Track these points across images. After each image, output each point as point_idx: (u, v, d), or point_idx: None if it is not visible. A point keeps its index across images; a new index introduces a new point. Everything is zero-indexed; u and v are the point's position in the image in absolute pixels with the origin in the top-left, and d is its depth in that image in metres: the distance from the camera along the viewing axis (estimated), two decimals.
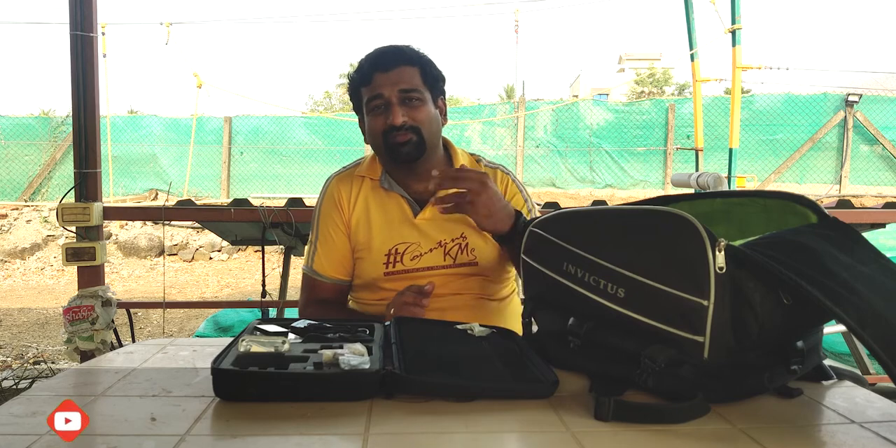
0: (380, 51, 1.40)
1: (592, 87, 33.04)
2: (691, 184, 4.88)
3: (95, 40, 2.61)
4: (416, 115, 1.35)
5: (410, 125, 1.34)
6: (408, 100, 1.35)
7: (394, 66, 1.36)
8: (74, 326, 2.56)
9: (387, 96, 1.34)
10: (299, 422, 0.76)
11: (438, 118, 1.42)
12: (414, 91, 1.35)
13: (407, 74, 1.36)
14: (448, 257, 1.39)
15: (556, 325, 0.95)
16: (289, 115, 13.08)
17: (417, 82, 1.36)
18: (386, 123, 1.34)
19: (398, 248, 1.39)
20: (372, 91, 1.36)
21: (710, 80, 7.22)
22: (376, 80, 1.35)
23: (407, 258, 1.39)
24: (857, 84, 13.03)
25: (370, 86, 1.36)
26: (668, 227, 0.82)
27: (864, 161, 11.30)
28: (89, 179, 2.60)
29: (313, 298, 1.48)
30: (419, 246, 1.39)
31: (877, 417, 0.79)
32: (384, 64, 1.36)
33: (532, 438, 0.77)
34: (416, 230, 1.40)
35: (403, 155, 1.36)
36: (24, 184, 11.53)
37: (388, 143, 1.35)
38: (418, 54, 1.40)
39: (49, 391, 0.89)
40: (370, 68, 1.37)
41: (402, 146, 1.35)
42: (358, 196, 1.44)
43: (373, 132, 1.38)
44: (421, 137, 1.36)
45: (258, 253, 4.28)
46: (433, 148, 1.41)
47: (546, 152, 12.12)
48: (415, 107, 1.35)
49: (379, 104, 1.36)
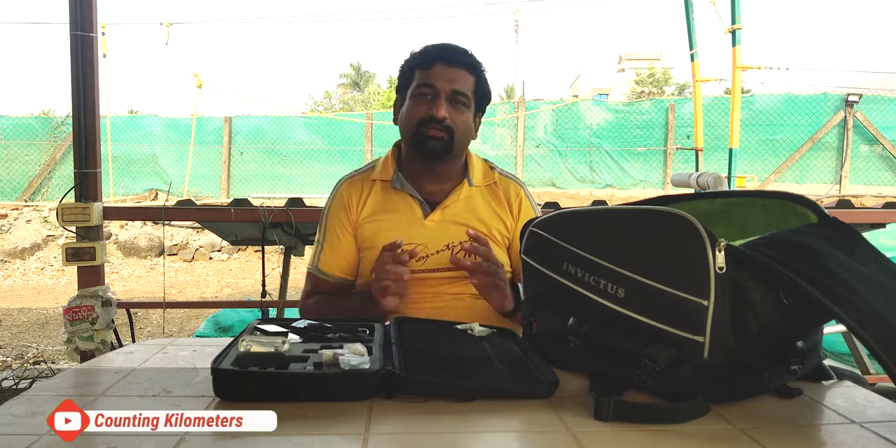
0: (450, 45, 1.42)
1: (592, 87, 33.04)
2: (691, 184, 4.88)
3: (95, 40, 2.61)
4: (456, 118, 1.37)
5: (448, 125, 1.36)
6: (455, 101, 1.37)
7: (457, 64, 1.38)
8: (74, 326, 2.56)
9: (439, 88, 1.35)
10: (299, 422, 0.76)
11: (472, 130, 1.44)
12: (464, 96, 1.37)
13: (465, 78, 1.38)
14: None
15: (556, 325, 0.95)
16: (289, 115, 13.10)
17: (470, 89, 1.39)
18: (428, 113, 1.35)
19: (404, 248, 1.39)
20: (427, 78, 1.37)
21: (710, 80, 7.22)
22: (436, 69, 1.37)
23: (413, 259, 1.38)
24: (857, 84, 13.03)
25: (428, 72, 1.37)
26: (668, 227, 0.82)
27: (864, 161, 11.30)
28: (89, 179, 2.60)
29: (315, 293, 1.49)
30: (426, 247, 1.39)
31: (877, 417, 0.79)
32: (450, 58, 1.38)
33: (532, 438, 0.77)
34: (425, 231, 1.40)
35: (429, 149, 1.36)
36: (24, 184, 11.53)
37: (421, 132, 1.36)
38: (480, 65, 1.42)
39: (49, 391, 0.89)
40: (435, 56, 1.38)
41: (432, 140, 1.36)
42: (368, 198, 1.45)
43: (410, 117, 1.38)
44: (452, 140, 1.37)
45: (258, 253, 4.28)
46: (457, 155, 1.43)
47: (546, 152, 12.12)
48: (459, 110, 1.38)
49: (427, 93, 1.36)
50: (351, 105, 27.41)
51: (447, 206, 1.43)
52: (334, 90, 31.85)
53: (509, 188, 1.50)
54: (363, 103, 26.62)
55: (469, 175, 1.46)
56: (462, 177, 1.47)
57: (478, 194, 1.46)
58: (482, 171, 1.49)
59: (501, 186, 1.49)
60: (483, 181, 1.48)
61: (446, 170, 1.45)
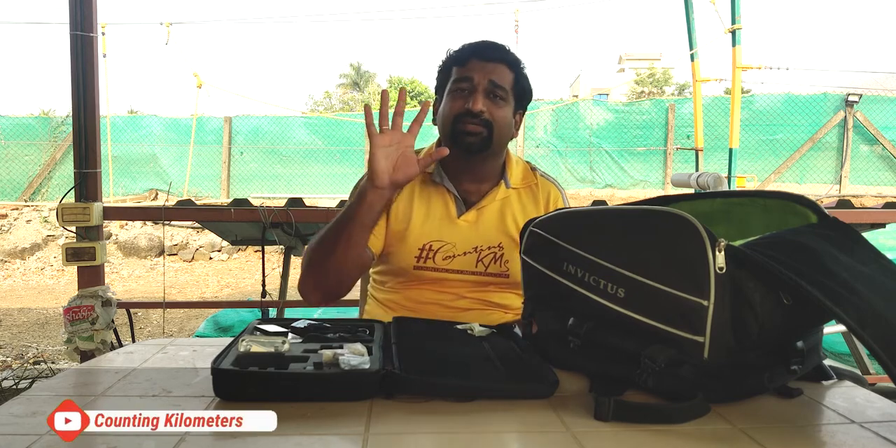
0: (486, 41, 1.39)
1: (592, 87, 33.02)
2: (691, 184, 4.88)
3: (95, 40, 2.61)
4: (494, 111, 1.33)
5: (485, 118, 1.32)
6: (493, 95, 1.33)
7: (493, 59, 1.35)
8: (74, 326, 2.56)
9: (476, 81, 1.32)
10: (299, 422, 0.76)
11: (512, 126, 1.39)
12: (501, 89, 1.34)
13: (501, 71, 1.35)
14: (480, 264, 1.37)
15: (556, 325, 0.95)
16: (289, 115, 13.09)
17: (507, 83, 1.35)
18: (464, 107, 1.31)
19: (433, 244, 1.37)
20: (463, 72, 1.34)
21: (710, 80, 7.23)
22: (472, 64, 1.34)
23: (439, 257, 1.37)
24: (857, 84, 13.03)
25: (464, 67, 1.35)
26: (668, 227, 0.82)
27: (864, 161, 11.30)
28: (89, 179, 2.61)
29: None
30: (454, 247, 1.37)
31: (877, 417, 0.79)
32: (485, 53, 1.35)
33: (532, 438, 0.77)
34: (456, 230, 1.38)
35: (466, 144, 1.32)
36: (24, 184, 11.53)
37: (457, 127, 1.32)
38: (518, 61, 1.39)
39: (49, 391, 0.89)
40: (470, 52, 1.36)
41: (469, 136, 1.32)
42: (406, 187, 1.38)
43: (447, 113, 1.35)
44: (490, 134, 1.32)
45: (258, 253, 4.28)
46: (496, 152, 1.38)
47: (546, 152, 12.11)
48: (497, 104, 1.33)
49: (464, 87, 1.33)
50: (351, 105, 27.39)
51: (482, 208, 1.40)
52: (334, 90, 31.82)
53: (549, 191, 1.46)
54: (363, 103, 26.60)
55: (506, 176, 1.42)
56: (500, 177, 1.43)
57: (514, 196, 1.43)
58: (522, 173, 1.45)
59: (542, 188, 1.45)
60: (522, 183, 1.44)
61: (485, 168, 1.40)
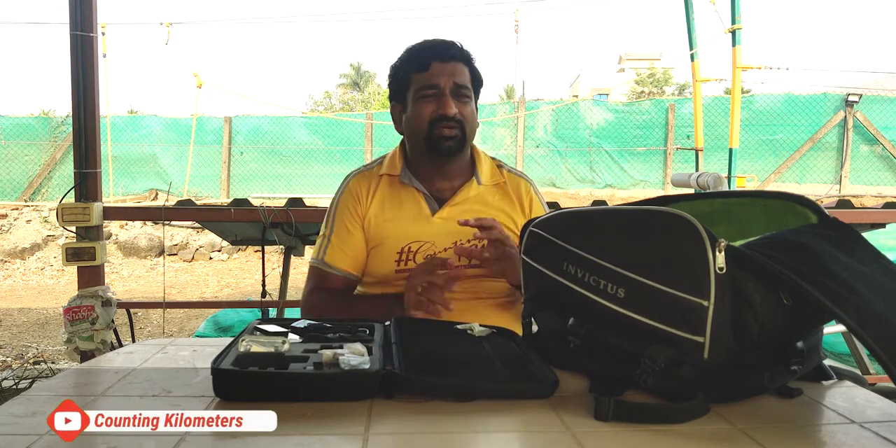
0: (438, 42, 1.42)
1: (592, 87, 33.01)
2: (691, 184, 4.88)
3: (95, 40, 2.61)
4: (464, 111, 1.37)
5: (459, 119, 1.36)
6: (459, 95, 1.37)
7: (452, 59, 1.38)
8: (74, 326, 2.56)
9: (443, 86, 1.36)
10: (299, 422, 0.76)
11: (477, 118, 1.44)
12: (465, 88, 1.38)
13: (461, 70, 1.39)
14: (463, 258, 1.38)
15: (556, 325, 0.95)
16: (289, 115, 13.11)
17: (468, 80, 1.39)
18: (437, 112, 1.35)
19: (411, 246, 1.38)
20: (428, 79, 1.37)
21: (710, 80, 7.22)
22: (434, 68, 1.37)
23: (420, 257, 1.38)
24: (857, 84, 13.03)
25: (427, 73, 1.37)
26: (667, 228, 0.82)
27: (864, 161, 11.30)
28: (89, 179, 2.61)
29: (319, 288, 1.44)
30: (433, 245, 1.38)
31: (877, 417, 0.79)
32: (444, 55, 1.38)
33: (532, 438, 0.77)
34: (432, 228, 1.39)
35: (445, 148, 1.37)
36: (24, 184, 11.53)
37: (434, 133, 1.36)
38: (470, 54, 1.42)
39: (49, 391, 0.89)
40: (430, 56, 1.38)
41: (448, 140, 1.36)
42: (376, 192, 1.44)
43: (419, 119, 1.38)
44: (464, 134, 1.38)
45: (258, 253, 4.28)
46: (468, 147, 1.44)
47: (546, 152, 12.12)
48: (464, 103, 1.38)
49: (432, 93, 1.36)
50: (351, 105, 27.40)
51: (456, 204, 1.42)
52: (334, 90, 31.86)
53: (519, 186, 1.49)
54: (363, 103, 26.61)
55: (477, 173, 1.45)
56: (470, 173, 1.46)
57: (487, 193, 1.45)
58: (490, 170, 1.48)
59: (511, 185, 1.48)
60: (491, 180, 1.47)
61: (456, 165, 1.44)
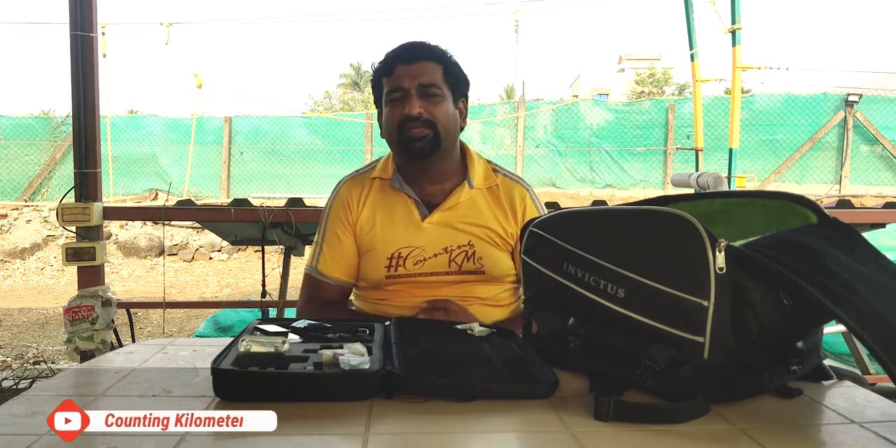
0: (406, 44, 1.40)
1: (592, 87, 32.99)
2: (691, 184, 4.87)
3: (95, 40, 2.61)
4: (433, 110, 1.34)
5: (427, 119, 1.33)
6: (427, 94, 1.34)
7: (417, 59, 1.36)
8: (74, 326, 2.56)
9: (406, 88, 1.34)
10: (299, 422, 0.76)
11: (457, 118, 1.41)
12: (433, 86, 1.35)
13: (429, 69, 1.36)
14: (453, 264, 1.37)
15: (556, 325, 0.95)
16: (289, 115, 13.09)
17: (438, 79, 1.36)
18: (402, 114, 1.33)
19: (401, 251, 1.37)
20: (393, 82, 1.36)
21: (710, 80, 7.22)
22: (398, 71, 1.35)
23: (410, 263, 1.37)
24: (857, 84, 13.02)
25: (392, 77, 1.36)
26: (668, 228, 0.82)
27: (864, 161, 11.30)
28: (89, 179, 2.60)
29: (315, 298, 1.46)
30: (423, 251, 1.37)
31: (877, 417, 0.79)
32: (408, 57, 1.36)
33: (532, 438, 0.77)
34: (422, 234, 1.38)
35: (417, 149, 1.34)
36: (24, 184, 11.53)
37: (404, 135, 1.34)
38: (443, 53, 1.40)
39: (49, 391, 0.89)
40: (394, 60, 1.37)
41: (417, 141, 1.33)
42: (367, 197, 1.43)
43: (389, 123, 1.37)
44: (437, 134, 1.34)
45: (258, 253, 4.28)
46: (449, 148, 1.40)
47: (546, 152, 12.11)
48: (433, 102, 1.35)
49: (398, 96, 1.35)
50: (351, 105, 27.38)
51: (446, 209, 1.40)
52: (334, 90, 31.83)
53: (513, 191, 1.45)
54: (363, 103, 26.60)
55: (469, 176, 1.43)
56: (462, 177, 1.43)
57: (479, 197, 1.43)
58: (483, 173, 1.45)
59: (504, 189, 1.45)
60: (484, 183, 1.44)
61: (441, 168, 1.41)
